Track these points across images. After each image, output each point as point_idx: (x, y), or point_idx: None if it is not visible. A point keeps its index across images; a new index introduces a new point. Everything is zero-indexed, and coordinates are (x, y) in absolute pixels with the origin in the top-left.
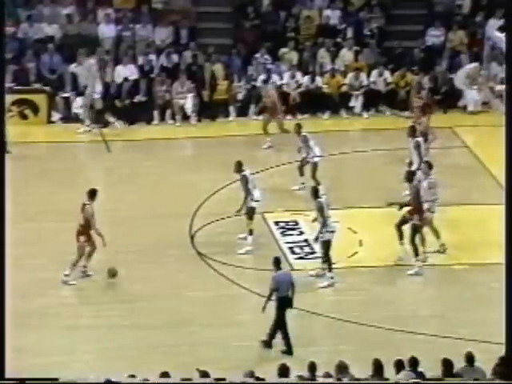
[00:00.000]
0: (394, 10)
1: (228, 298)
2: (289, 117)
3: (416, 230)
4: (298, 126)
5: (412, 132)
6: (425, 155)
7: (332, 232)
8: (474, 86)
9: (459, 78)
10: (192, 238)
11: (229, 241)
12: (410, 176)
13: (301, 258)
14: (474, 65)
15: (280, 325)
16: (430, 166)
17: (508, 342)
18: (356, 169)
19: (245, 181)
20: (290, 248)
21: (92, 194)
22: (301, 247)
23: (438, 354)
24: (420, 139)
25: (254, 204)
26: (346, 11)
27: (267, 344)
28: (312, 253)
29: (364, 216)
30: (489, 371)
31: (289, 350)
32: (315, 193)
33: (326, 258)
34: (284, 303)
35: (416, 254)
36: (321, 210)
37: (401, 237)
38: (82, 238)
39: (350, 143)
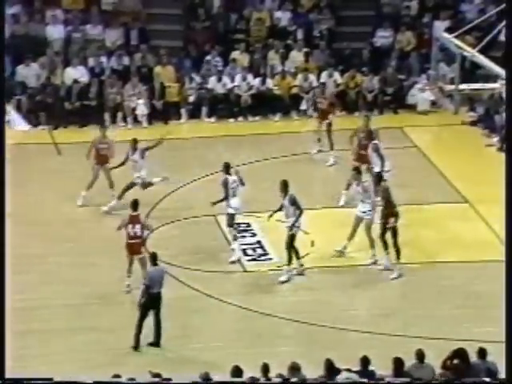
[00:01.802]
0: (343, 11)
1: (180, 300)
2: (240, 119)
3: (396, 232)
4: (134, 142)
5: (369, 136)
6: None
7: (298, 228)
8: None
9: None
10: (144, 240)
11: (181, 243)
12: (378, 179)
13: (254, 259)
14: None
15: (140, 320)
16: (359, 172)
17: (508, 343)
18: (307, 170)
19: (225, 184)
20: (243, 250)
21: (135, 204)
22: (253, 249)
23: (391, 352)
24: (377, 141)
25: (231, 211)
26: (296, 13)
27: (156, 344)
28: (265, 254)
29: (316, 217)
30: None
31: (135, 347)
32: (285, 187)
33: (288, 252)
34: (151, 300)
35: (398, 256)
36: (294, 202)
37: (386, 246)
38: (143, 249)
39: (301, 145)
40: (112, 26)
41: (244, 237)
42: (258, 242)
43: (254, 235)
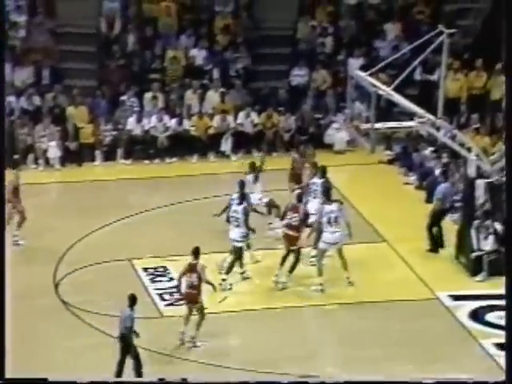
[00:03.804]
0: (260, 48)
1: (94, 347)
2: (157, 161)
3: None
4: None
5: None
6: None
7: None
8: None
9: None
10: (56, 286)
11: (96, 288)
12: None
13: (171, 304)
14: None
15: (133, 356)
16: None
17: (508, 344)
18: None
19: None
20: (160, 295)
21: (196, 252)
22: (170, 293)
23: None
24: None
25: None
26: (212, 51)
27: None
28: (182, 299)
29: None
30: None
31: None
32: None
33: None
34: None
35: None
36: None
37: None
38: (200, 299)
39: (219, 186)
40: (21, 64)
41: (161, 281)
42: (176, 287)
43: (171, 279)
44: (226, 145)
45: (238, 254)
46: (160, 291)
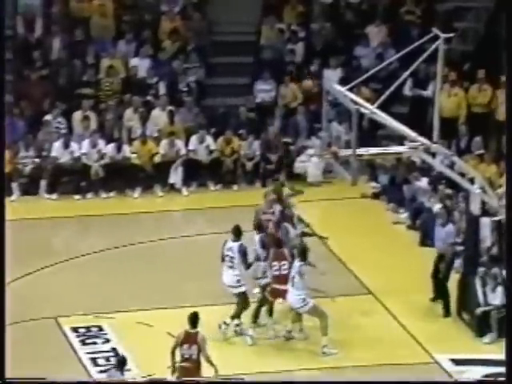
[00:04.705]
0: (215, 57)
1: None
2: (90, 195)
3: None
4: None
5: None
6: None
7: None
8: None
9: None
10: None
11: (12, 351)
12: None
13: (106, 370)
14: None
15: None
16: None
17: (508, 343)
18: (169, 258)
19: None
20: (93, 359)
21: (194, 319)
22: (106, 358)
23: None
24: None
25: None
26: (157, 60)
27: None
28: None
29: (185, 317)
30: None
31: None
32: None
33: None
34: None
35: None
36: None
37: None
38: (200, 374)
39: (167, 227)
40: None
41: (94, 343)
42: (113, 350)
43: (107, 341)
44: (176, 176)
45: (242, 301)
46: (93, 355)
